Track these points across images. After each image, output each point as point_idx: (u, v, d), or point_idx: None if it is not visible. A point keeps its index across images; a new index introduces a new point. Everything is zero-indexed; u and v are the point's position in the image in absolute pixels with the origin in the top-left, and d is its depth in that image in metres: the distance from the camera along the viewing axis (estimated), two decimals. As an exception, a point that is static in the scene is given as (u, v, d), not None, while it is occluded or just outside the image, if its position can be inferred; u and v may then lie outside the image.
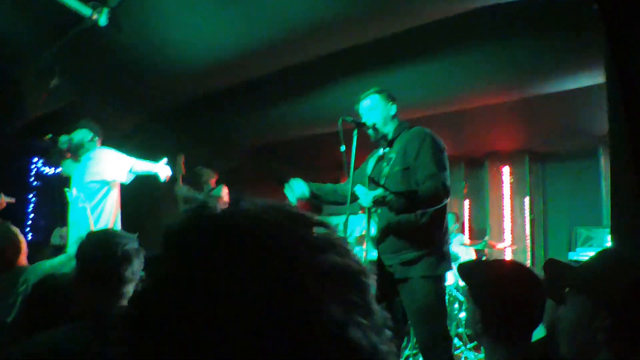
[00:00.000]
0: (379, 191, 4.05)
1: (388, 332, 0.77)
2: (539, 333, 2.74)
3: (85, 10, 5.71)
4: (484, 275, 2.43)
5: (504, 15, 5.76)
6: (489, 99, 7.31)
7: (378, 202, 4.05)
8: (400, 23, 5.85)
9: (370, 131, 4.49)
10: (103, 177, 6.15)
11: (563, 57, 6.16)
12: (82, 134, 6.37)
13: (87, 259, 2.49)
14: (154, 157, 7.32)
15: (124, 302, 2.44)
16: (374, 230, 4.48)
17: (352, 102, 4.71)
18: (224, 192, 8.43)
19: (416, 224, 4.20)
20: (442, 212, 4.31)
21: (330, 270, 0.75)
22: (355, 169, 4.41)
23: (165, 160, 6.09)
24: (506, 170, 10.13)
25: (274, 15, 5.72)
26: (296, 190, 4.64)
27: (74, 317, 2.36)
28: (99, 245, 2.50)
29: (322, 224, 0.81)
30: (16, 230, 4.35)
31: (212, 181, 8.69)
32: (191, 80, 7.14)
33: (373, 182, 4.34)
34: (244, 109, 8.37)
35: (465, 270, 2.56)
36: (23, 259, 4.28)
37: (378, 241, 4.40)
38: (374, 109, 4.49)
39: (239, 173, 10.04)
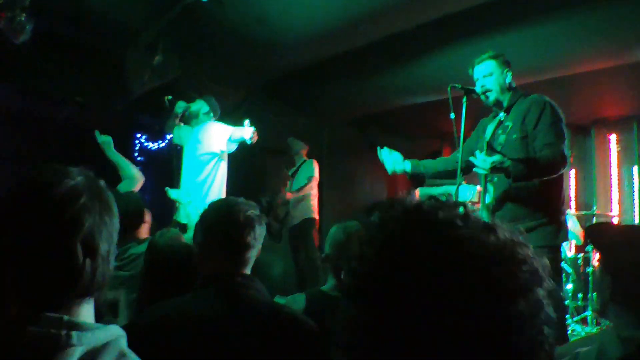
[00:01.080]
0: (497, 157, 3.94)
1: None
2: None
3: (187, -13, 5.80)
4: (617, 239, 2.35)
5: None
6: (597, 63, 7.04)
7: (496, 167, 3.94)
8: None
9: (482, 97, 4.41)
10: (212, 150, 6.29)
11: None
12: (200, 105, 6.57)
13: (210, 225, 2.55)
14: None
15: (247, 269, 2.49)
16: (487, 199, 4.37)
17: (456, 70, 4.64)
18: (315, 167, 8.44)
19: (535, 192, 4.13)
20: (560, 181, 4.24)
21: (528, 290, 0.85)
22: (465, 137, 4.35)
23: (247, 122, 6.12)
24: (613, 138, 9.76)
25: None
26: (392, 163, 4.65)
27: (199, 284, 2.42)
28: (221, 212, 2.56)
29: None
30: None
31: (304, 152, 8.71)
32: (293, 52, 7.17)
33: (491, 149, 4.24)
34: (346, 79, 8.35)
35: (596, 233, 2.48)
36: (144, 231, 4.39)
37: (494, 209, 4.30)
38: (489, 76, 4.40)
39: (343, 143, 10.06)
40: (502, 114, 4.42)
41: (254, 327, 2.27)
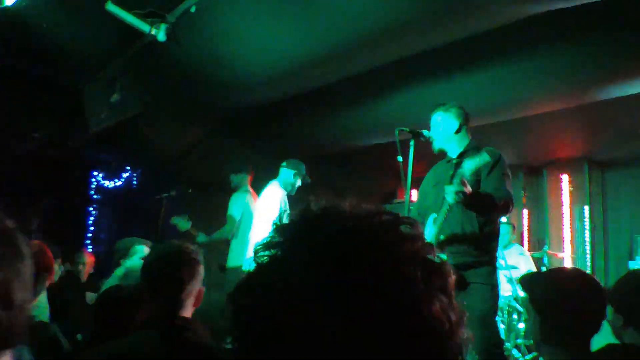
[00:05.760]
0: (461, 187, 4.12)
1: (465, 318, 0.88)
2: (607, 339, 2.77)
3: (144, 27, 5.82)
4: (545, 283, 2.47)
5: (563, 21, 5.70)
6: (549, 105, 7.20)
7: (460, 192, 4.11)
8: (460, 29, 5.80)
9: (433, 144, 4.70)
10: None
11: (623, 61, 6.04)
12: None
13: (147, 268, 2.59)
14: (214, 166, 7.40)
15: (185, 312, 2.52)
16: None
17: (410, 111, 4.76)
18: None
19: (478, 234, 4.43)
20: (498, 227, 4.62)
21: (421, 258, 0.88)
22: (412, 178, 4.49)
23: None
24: (565, 178, 9.95)
25: (332, 25, 5.73)
26: None
27: (141, 326, 2.45)
28: (159, 256, 2.60)
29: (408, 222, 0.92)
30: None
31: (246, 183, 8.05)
32: (251, 91, 7.21)
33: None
34: (302, 119, 8.44)
35: (526, 281, 2.61)
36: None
37: (444, 244, 4.51)
38: (435, 126, 4.70)
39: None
40: (454, 161, 4.63)
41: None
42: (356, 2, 5.34)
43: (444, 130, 4.67)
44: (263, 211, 6.93)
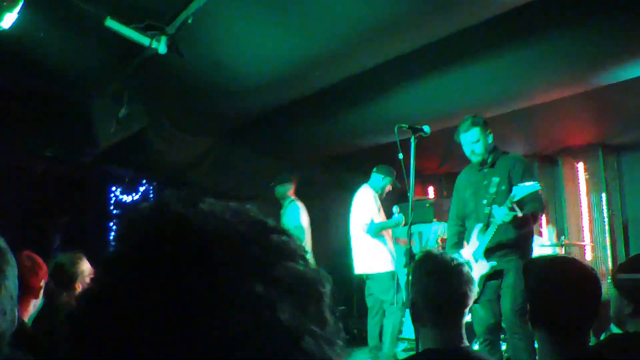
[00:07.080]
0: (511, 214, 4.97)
1: (340, 343, 0.75)
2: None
3: (144, 40, 5.84)
4: (534, 270, 2.44)
5: (561, 5, 5.66)
6: (559, 92, 7.10)
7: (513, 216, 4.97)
8: (461, 20, 5.73)
9: (471, 157, 5.39)
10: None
11: (626, 43, 5.97)
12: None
13: None
14: (227, 175, 7.41)
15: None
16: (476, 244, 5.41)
17: (417, 108, 4.77)
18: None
19: (519, 238, 5.27)
20: (533, 227, 5.51)
21: (285, 278, 0.73)
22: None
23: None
24: (580, 166, 9.82)
25: (332, 25, 5.69)
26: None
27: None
28: None
29: (282, 232, 0.80)
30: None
31: (291, 193, 8.76)
32: (253, 96, 7.16)
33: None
34: (309, 121, 8.49)
35: (525, 266, 2.59)
36: None
37: (491, 251, 5.32)
38: (476, 142, 5.29)
39: (311, 184, 10.05)
40: (486, 170, 5.41)
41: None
42: (350, 2, 5.34)
43: (486, 144, 5.29)
44: (359, 215, 7.79)
